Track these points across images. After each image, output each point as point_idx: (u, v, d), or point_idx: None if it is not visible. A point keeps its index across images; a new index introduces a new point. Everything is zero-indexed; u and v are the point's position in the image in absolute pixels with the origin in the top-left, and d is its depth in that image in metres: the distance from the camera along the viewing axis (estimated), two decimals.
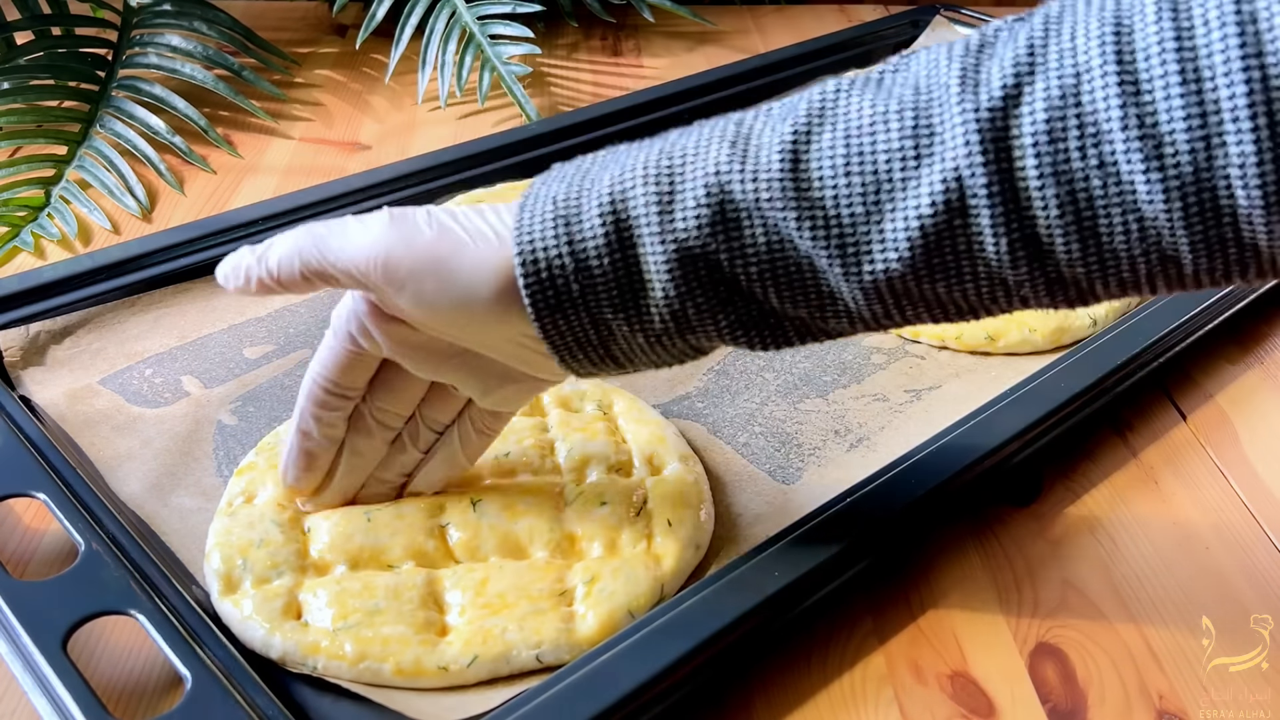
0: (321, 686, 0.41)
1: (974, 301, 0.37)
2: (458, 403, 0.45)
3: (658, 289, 0.37)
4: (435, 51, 0.88)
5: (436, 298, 0.39)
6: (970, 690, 0.43)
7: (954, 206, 0.34)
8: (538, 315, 0.38)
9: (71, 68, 0.84)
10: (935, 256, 0.35)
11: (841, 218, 0.35)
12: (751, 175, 0.36)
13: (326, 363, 0.43)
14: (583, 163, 0.40)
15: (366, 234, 0.39)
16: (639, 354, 0.40)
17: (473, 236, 0.39)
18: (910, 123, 0.35)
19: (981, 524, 0.50)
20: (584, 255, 0.37)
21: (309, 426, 0.44)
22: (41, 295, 0.59)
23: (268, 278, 0.41)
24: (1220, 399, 0.58)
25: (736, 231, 0.36)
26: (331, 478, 0.46)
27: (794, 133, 0.36)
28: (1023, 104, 0.33)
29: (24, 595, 0.41)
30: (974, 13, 0.98)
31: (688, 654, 0.39)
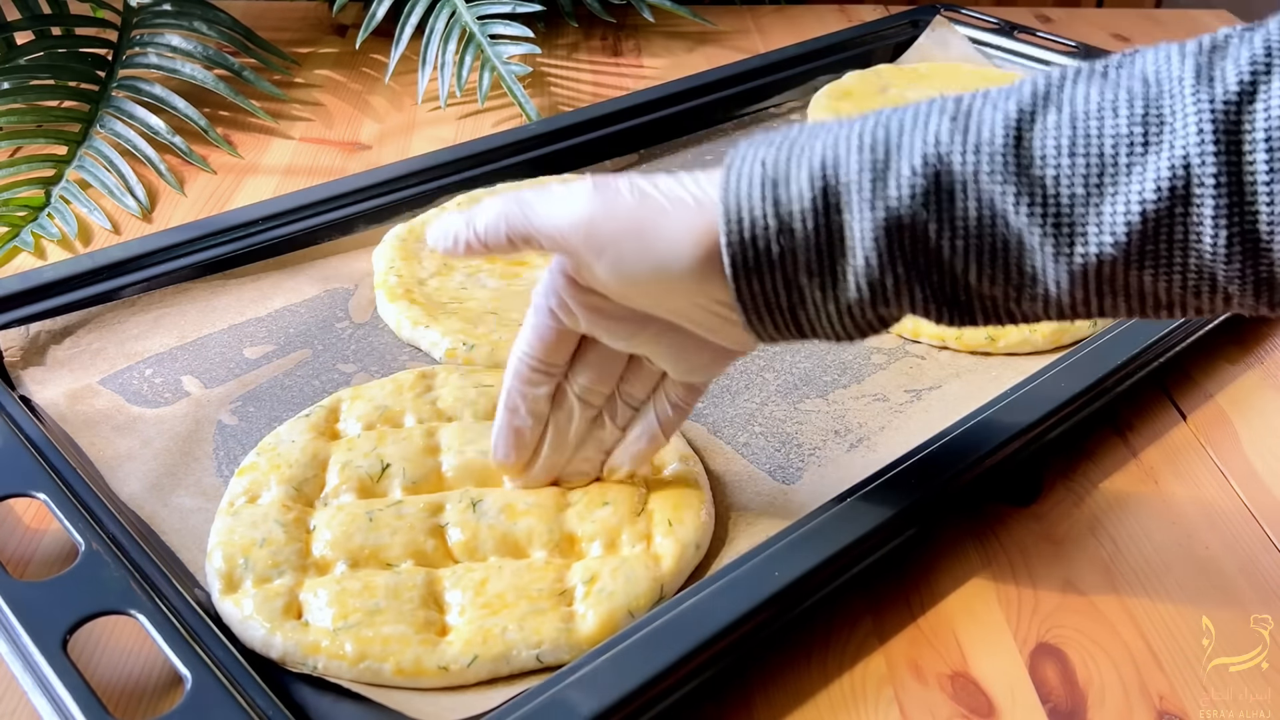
0: (321, 686, 0.41)
1: (1176, 295, 0.37)
2: (653, 378, 0.47)
3: (859, 256, 0.38)
4: (435, 51, 0.88)
5: (636, 263, 0.40)
6: (970, 690, 0.43)
7: (1179, 194, 0.34)
8: (734, 276, 0.39)
9: (71, 68, 0.84)
10: (1150, 244, 0.35)
11: (1060, 197, 0.36)
12: (973, 148, 0.37)
13: (530, 340, 0.45)
14: (789, 131, 0.40)
15: (571, 199, 0.41)
16: (825, 323, 0.40)
17: (672, 203, 0.40)
18: (1140, 111, 0.35)
19: (981, 524, 0.50)
20: (789, 217, 0.38)
21: (516, 403, 0.46)
22: (41, 295, 0.59)
23: (475, 240, 0.43)
24: (1220, 399, 0.58)
25: (950, 203, 0.37)
26: (538, 455, 0.47)
27: (1019, 111, 0.37)
28: (1258, 100, 0.34)
29: (24, 595, 0.41)
30: (974, 12, 0.98)
31: (688, 654, 0.39)
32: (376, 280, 0.63)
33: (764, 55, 0.90)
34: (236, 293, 0.63)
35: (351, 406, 0.52)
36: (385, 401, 0.52)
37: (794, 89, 0.88)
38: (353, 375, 0.58)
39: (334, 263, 0.67)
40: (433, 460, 0.49)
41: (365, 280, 0.65)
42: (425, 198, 0.70)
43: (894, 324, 0.41)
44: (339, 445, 0.50)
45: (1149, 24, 1.11)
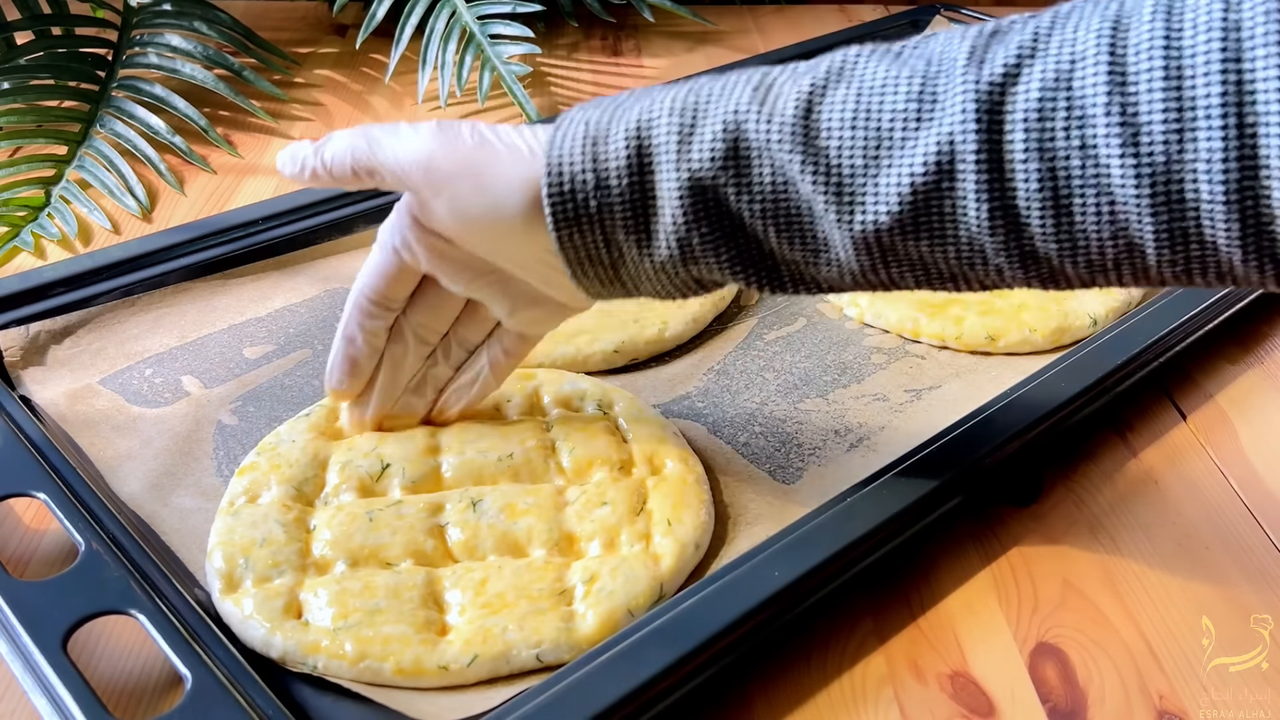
0: (321, 686, 0.41)
1: (954, 266, 0.39)
2: (488, 324, 0.49)
3: (667, 215, 0.40)
4: (435, 51, 0.88)
5: (469, 203, 0.42)
6: (970, 690, 0.43)
7: (944, 169, 0.36)
8: (556, 226, 0.41)
9: (71, 68, 0.85)
10: (922, 215, 0.37)
11: (842, 168, 0.38)
12: (767, 117, 0.39)
13: (371, 273, 0.47)
14: (618, 96, 0.43)
15: (415, 137, 0.43)
16: (645, 279, 0.42)
17: (508, 149, 0.42)
18: (917, 89, 0.37)
19: (981, 524, 0.50)
20: (605, 174, 0.40)
21: (354, 333, 0.48)
22: (41, 295, 0.59)
23: (321, 169, 0.44)
24: (1220, 399, 0.58)
25: (746, 168, 0.39)
26: (371, 388, 0.49)
27: (811, 85, 0.39)
28: (1020, 83, 0.36)
29: (24, 595, 0.41)
30: (974, 12, 0.98)
31: (688, 654, 0.39)
32: None
33: (764, 55, 0.90)
34: (236, 293, 0.63)
35: None
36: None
37: None
38: None
39: (334, 263, 0.67)
40: (433, 460, 0.49)
41: None
42: None
43: (714, 289, 0.43)
44: (339, 445, 0.50)
45: None
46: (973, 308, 0.60)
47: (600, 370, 0.58)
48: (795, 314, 0.63)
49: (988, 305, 0.61)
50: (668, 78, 0.92)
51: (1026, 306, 0.60)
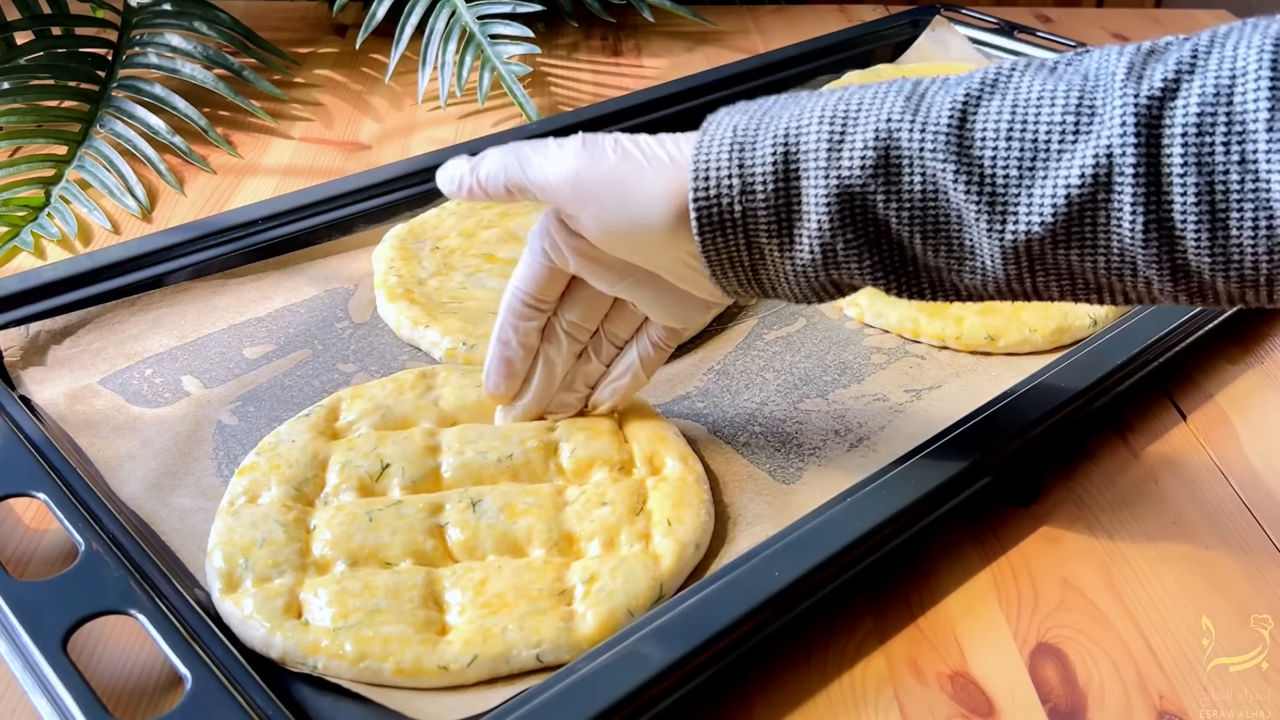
0: (321, 686, 0.41)
1: (1102, 277, 0.39)
2: (636, 319, 0.50)
3: (813, 220, 0.41)
4: (435, 51, 0.88)
5: (615, 215, 0.43)
6: (970, 690, 0.43)
7: (1100, 180, 0.37)
8: (700, 230, 0.42)
9: (71, 68, 0.84)
10: (1075, 225, 0.38)
11: (996, 177, 0.38)
12: (920, 126, 0.39)
13: (524, 276, 0.48)
14: (765, 101, 0.44)
15: (562, 155, 0.44)
16: (783, 282, 0.43)
17: (650, 161, 0.43)
18: (1074, 102, 0.38)
19: (981, 524, 0.50)
20: (751, 180, 0.41)
21: (508, 336, 0.49)
22: (41, 295, 0.59)
23: (477, 186, 0.46)
24: (1220, 399, 0.58)
25: (896, 176, 0.40)
26: (528, 386, 0.51)
27: (965, 96, 0.39)
28: (1179, 97, 0.36)
29: (24, 595, 0.41)
30: (974, 13, 0.98)
31: (688, 654, 0.39)
32: (376, 280, 0.63)
33: (764, 55, 0.90)
34: (236, 293, 0.63)
35: (351, 406, 0.52)
36: (385, 401, 0.52)
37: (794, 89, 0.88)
38: (353, 375, 0.58)
39: (334, 263, 0.67)
40: (432, 460, 0.49)
41: (365, 280, 0.65)
42: (425, 198, 0.70)
43: (850, 293, 0.44)
44: (339, 445, 0.50)
45: (1149, 24, 1.11)
46: (972, 307, 0.60)
47: None
48: (795, 314, 0.63)
49: (987, 305, 0.61)
50: (668, 78, 0.92)
51: (1026, 306, 0.60)
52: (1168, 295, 0.39)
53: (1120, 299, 0.40)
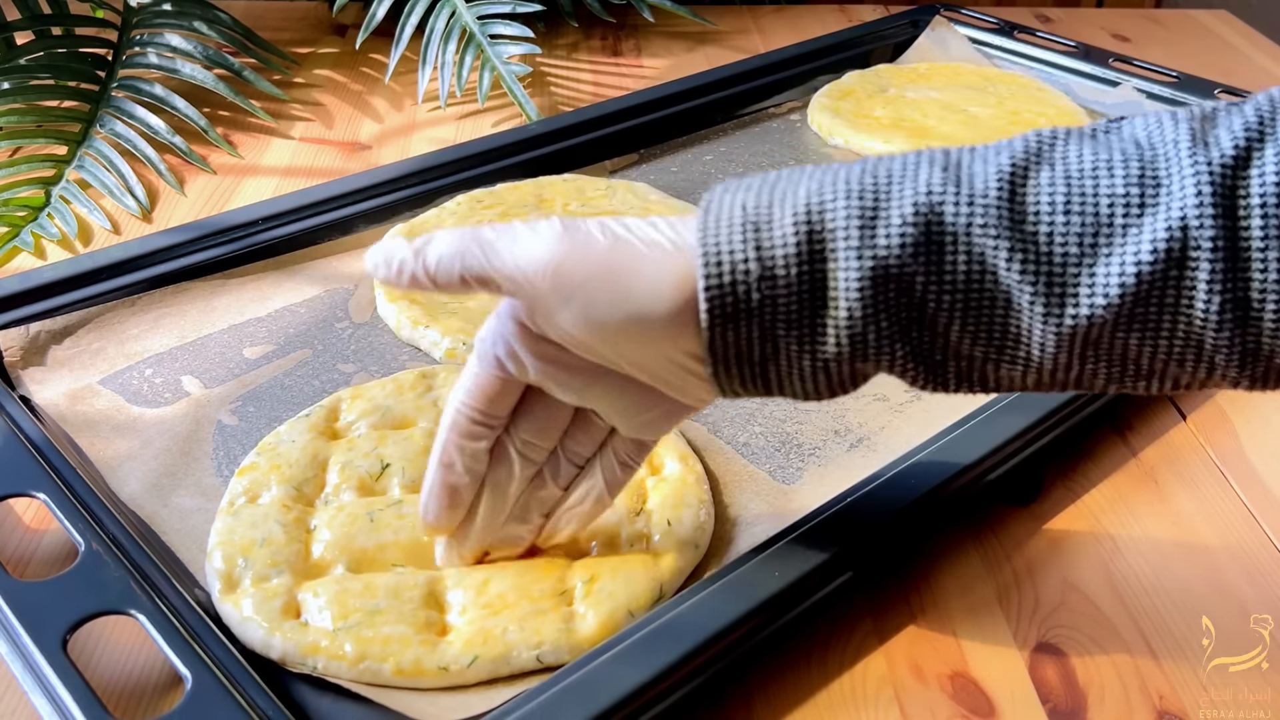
0: (321, 686, 0.41)
1: (1160, 362, 0.36)
2: (600, 434, 0.44)
3: (843, 308, 0.36)
4: (435, 51, 0.88)
5: (608, 309, 0.37)
6: (970, 690, 0.43)
7: (1174, 257, 0.34)
8: (710, 324, 0.37)
9: (71, 68, 0.84)
10: (1141, 306, 0.34)
11: (1054, 255, 0.35)
12: (967, 199, 0.35)
13: (471, 390, 0.41)
14: (769, 177, 0.38)
15: (538, 240, 0.38)
16: (795, 379, 0.38)
17: (648, 246, 0.38)
18: (1136, 171, 0.35)
19: (981, 524, 0.50)
20: (771, 263, 0.36)
21: (452, 459, 0.42)
22: (41, 295, 0.59)
23: (422, 274, 0.39)
24: (1220, 399, 0.58)
25: (939, 255, 0.35)
26: (471, 518, 0.44)
27: (1012, 166, 0.36)
28: (1253, 165, 0.34)
29: (24, 595, 0.41)
30: (974, 12, 0.98)
31: (688, 654, 0.39)
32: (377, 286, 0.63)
33: (764, 55, 0.90)
34: (236, 293, 0.63)
35: (351, 406, 0.52)
36: (385, 401, 0.52)
37: (794, 89, 0.88)
38: (353, 375, 0.58)
39: (334, 263, 0.67)
40: None
41: (365, 280, 0.65)
42: (425, 198, 0.70)
43: (862, 384, 0.39)
44: (339, 445, 0.50)
45: (1149, 24, 1.11)
46: None
47: None
48: None
49: None
50: (668, 78, 0.92)
51: None
52: (1229, 380, 0.36)
53: (1170, 386, 0.37)
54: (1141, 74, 0.89)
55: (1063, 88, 0.90)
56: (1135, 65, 0.90)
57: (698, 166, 0.79)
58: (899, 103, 0.85)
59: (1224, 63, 1.02)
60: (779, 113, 0.87)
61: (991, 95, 0.86)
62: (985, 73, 0.91)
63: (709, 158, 0.80)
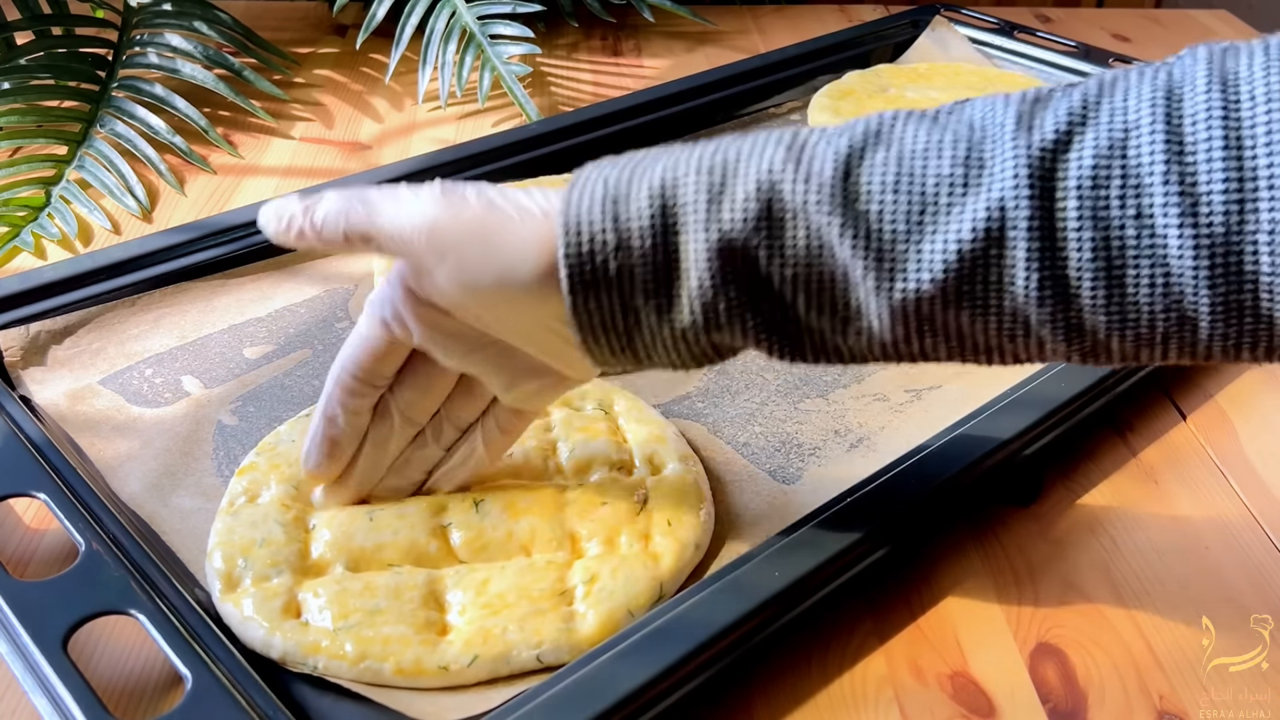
0: (322, 686, 0.41)
1: (993, 338, 0.37)
2: (482, 401, 0.46)
3: (693, 278, 0.38)
4: (435, 51, 0.88)
5: (478, 270, 0.39)
6: (970, 690, 0.43)
7: (993, 236, 0.35)
8: (571, 289, 0.38)
9: (71, 68, 0.84)
10: (966, 283, 0.36)
11: (883, 232, 0.36)
12: (804, 178, 0.37)
13: (357, 349, 0.44)
14: (635, 155, 0.40)
15: (416, 201, 0.40)
16: (660, 349, 0.40)
17: (519, 212, 0.40)
18: (963, 153, 0.36)
19: (981, 524, 0.50)
20: (627, 234, 0.38)
21: (335, 413, 0.44)
22: (41, 295, 0.59)
23: (310, 230, 0.41)
24: (1220, 399, 0.58)
25: (780, 230, 0.37)
26: (352, 469, 0.46)
27: (849, 147, 0.37)
28: (1072, 149, 0.35)
29: (24, 595, 0.41)
30: (974, 12, 0.98)
31: (688, 654, 0.39)
32: (376, 280, 0.63)
33: (764, 55, 0.90)
34: (236, 293, 0.63)
35: None
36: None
37: (794, 89, 0.88)
38: None
39: (334, 263, 0.67)
40: None
41: (365, 280, 0.65)
42: None
43: (729, 356, 0.41)
44: None
45: (1149, 24, 1.11)
46: None
47: None
48: None
49: None
50: (668, 78, 0.92)
51: None
52: (1060, 355, 0.37)
53: (1010, 360, 0.38)
54: None
55: None
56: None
57: None
58: (899, 103, 0.85)
59: None
60: (779, 113, 0.87)
61: None
62: (985, 73, 0.91)
63: None
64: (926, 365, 0.58)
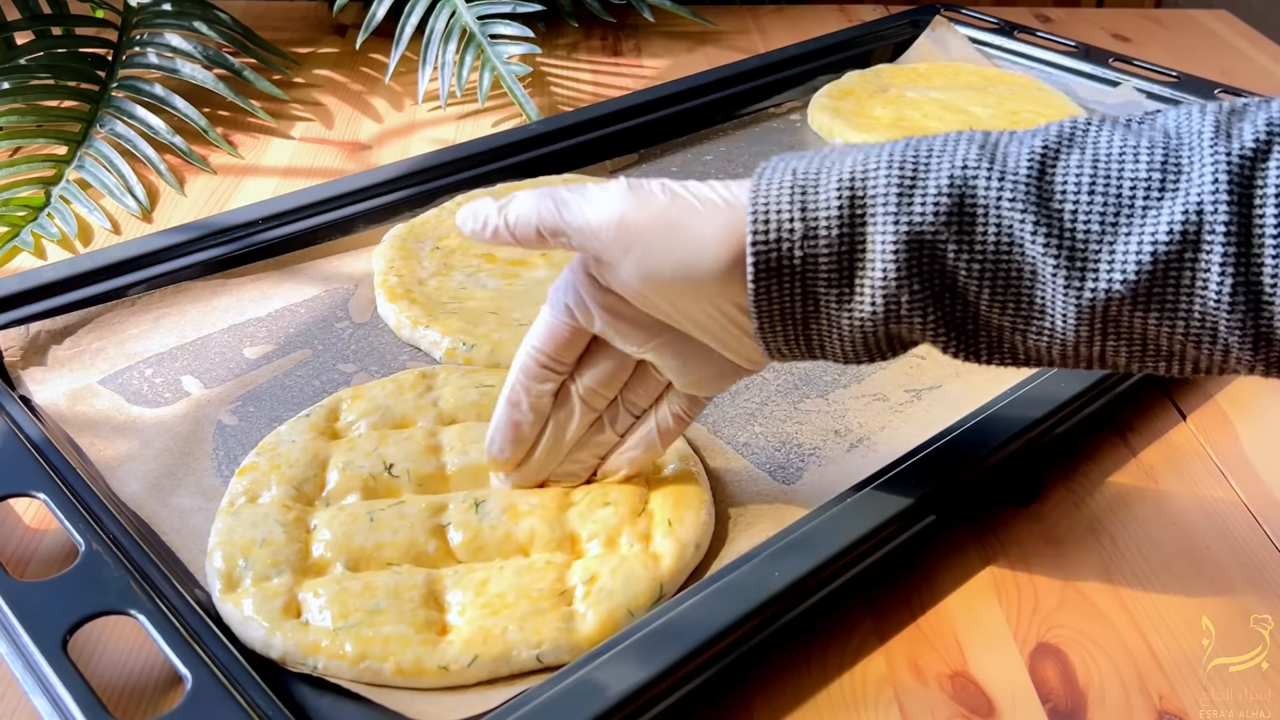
0: (321, 686, 0.41)
1: (1178, 343, 0.38)
2: (658, 387, 0.47)
3: (878, 269, 0.39)
4: (435, 51, 0.88)
5: (662, 259, 0.41)
6: (970, 690, 0.43)
7: (1189, 239, 0.36)
8: (756, 276, 0.40)
9: (71, 68, 0.84)
10: (1158, 286, 0.36)
11: (1077, 231, 0.37)
12: (999, 175, 0.38)
13: (542, 335, 0.46)
14: (820, 151, 0.42)
15: (606, 196, 0.42)
16: (835, 338, 0.41)
17: (703, 203, 0.41)
18: (1159, 159, 0.37)
19: (981, 524, 0.50)
20: (814, 223, 0.39)
21: (519, 398, 0.46)
22: (41, 295, 0.59)
23: (504, 229, 0.43)
24: (1220, 399, 0.58)
25: (970, 226, 0.38)
26: (533, 453, 0.47)
27: (1044, 147, 0.38)
28: (1271, 158, 0.35)
29: (24, 595, 0.41)
30: (974, 12, 0.98)
31: (688, 654, 0.39)
32: (376, 280, 0.63)
33: (764, 55, 0.90)
34: (236, 293, 0.63)
35: (352, 406, 0.52)
36: (386, 401, 0.52)
37: (794, 89, 0.88)
38: (353, 375, 0.58)
39: (334, 263, 0.67)
40: (435, 460, 0.49)
41: (365, 280, 0.65)
42: (425, 198, 0.70)
43: (901, 353, 0.42)
44: (339, 445, 0.50)
45: (1149, 24, 1.11)
46: None
47: None
48: None
49: None
50: (668, 78, 0.92)
51: None
52: (1244, 365, 0.37)
53: (1190, 368, 0.39)
54: (1141, 74, 0.89)
55: (1063, 88, 0.90)
56: (1135, 65, 0.90)
57: (698, 166, 0.79)
58: (899, 102, 0.85)
59: (1224, 63, 1.02)
60: (779, 113, 0.87)
61: (992, 95, 0.86)
62: (985, 73, 0.91)
63: (709, 158, 0.80)
64: (925, 365, 0.59)
